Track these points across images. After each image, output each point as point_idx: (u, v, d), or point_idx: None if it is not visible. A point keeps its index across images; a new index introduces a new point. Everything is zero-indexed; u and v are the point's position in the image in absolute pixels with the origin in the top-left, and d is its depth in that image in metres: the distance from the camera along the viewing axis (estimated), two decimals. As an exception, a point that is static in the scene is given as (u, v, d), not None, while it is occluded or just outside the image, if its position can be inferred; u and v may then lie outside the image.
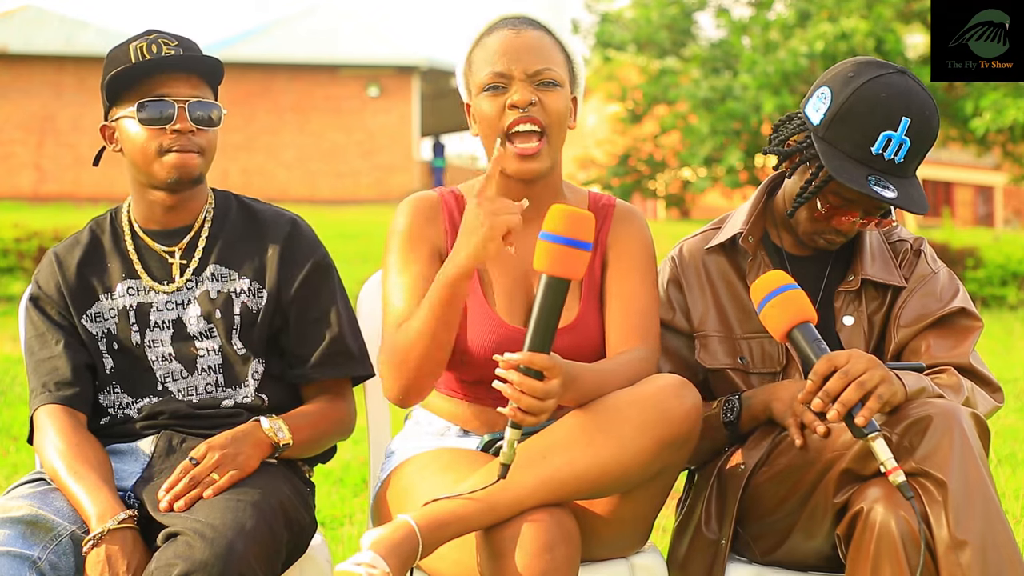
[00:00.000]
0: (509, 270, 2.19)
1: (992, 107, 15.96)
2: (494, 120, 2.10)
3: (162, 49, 2.11)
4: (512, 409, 1.83)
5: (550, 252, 1.81)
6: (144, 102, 2.11)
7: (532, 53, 2.11)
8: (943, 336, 2.24)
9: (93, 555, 1.91)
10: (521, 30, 2.14)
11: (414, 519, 1.87)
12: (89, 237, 2.25)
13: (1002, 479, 4.03)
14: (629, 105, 21.89)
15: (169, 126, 2.11)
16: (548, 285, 1.82)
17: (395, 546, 1.83)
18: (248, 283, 2.20)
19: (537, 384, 1.83)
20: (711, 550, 2.18)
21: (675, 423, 1.93)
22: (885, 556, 1.89)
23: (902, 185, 2.12)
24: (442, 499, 1.90)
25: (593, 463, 1.91)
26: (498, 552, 1.88)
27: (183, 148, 2.12)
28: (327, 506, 4.16)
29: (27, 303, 2.24)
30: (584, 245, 1.81)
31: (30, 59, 22.62)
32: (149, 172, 2.15)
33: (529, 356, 1.83)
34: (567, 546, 1.88)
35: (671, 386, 1.96)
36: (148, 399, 2.18)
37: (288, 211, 2.30)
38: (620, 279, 2.17)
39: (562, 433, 1.93)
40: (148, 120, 2.11)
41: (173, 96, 2.11)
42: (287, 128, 23.53)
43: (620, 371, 2.04)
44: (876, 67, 2.16)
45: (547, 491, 1.90)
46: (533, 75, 2.10)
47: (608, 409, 1.93)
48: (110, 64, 2.13)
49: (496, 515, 1.89)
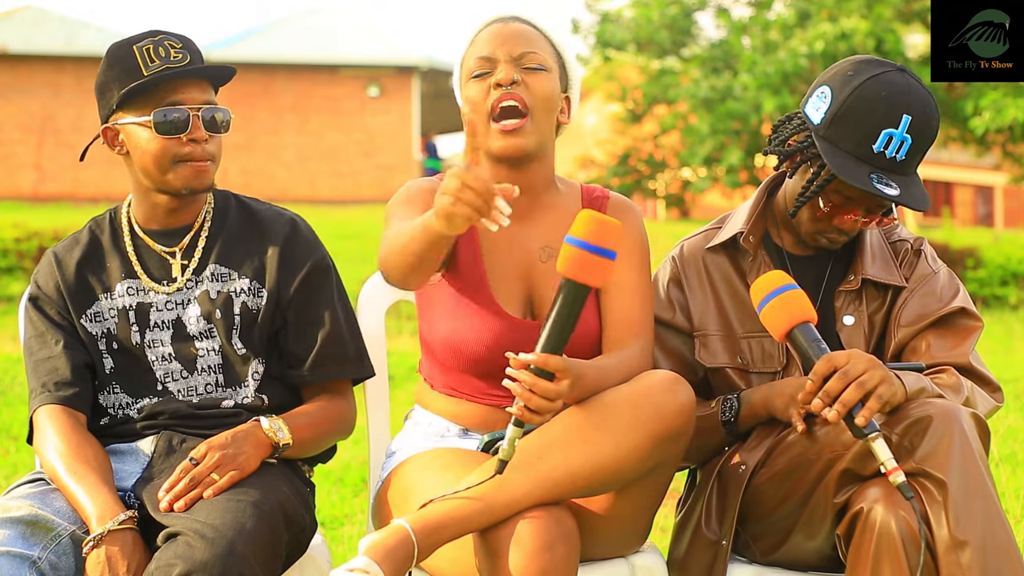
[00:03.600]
0: (512, 261, 2.18)
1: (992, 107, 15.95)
2: (480, 103, 2.11)
3: (169, 53, 2.10)
4: (519, 408, 1.83)
5: (575, 258, 1.80)
6: (161, 111, 2.09)
7: (517, 39, 2.14)
8: (943, 336, 2.24)
9: (93, 556, 1.91)
10: (509, 22, 2.18)
11: (410, 523, 1.87)
12: (88, 237, 2.24)
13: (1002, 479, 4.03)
14: (629, 105, 21.86)
15: (185, 135, 2.10)
16: (569, 290, 1.81)
17: (390, 551, 1.84)
18: (248, 283, 2.19)
19: (549, 385, 1.83)
20: (711, 550, 2.18)
21: (668, 418, 1.93)
22: (885, 556, 1.89)
23: (904, 183, 2.12)
24: (438, 500, 1.90)
25: (588, 461, 1.91)
26: (497, 551, 1.88)
27: (198, 158, 2.11)
28: (327, 506, 4.16)
29: (26, 303, 2.23)
30: (610, 254, 1.80)
31: (30, 59, 22.59)
32: (162, 180, 2.14)
33: (544, 357, 1.83)
34: (566, 545, 1.88)
35: (664, 382, 1.96)
36: (148, 399, 2.17)
37: (288, 211, 2.30)
38: (617, 275, 2.17)
39: (557, 432, 1.93)
40: (165, 129, 2.09)
41: (187, 104, 2.11)
42: (287, 128, 23.51)
43: (619, 368, 2.05)
44: (876, 65, 2.16)
45: (543, 490, 1.90)
46: (518, 58, 2.12)
47: (602, 407, 1.94)
48: (116, 67, 2.11)
49: (493, 516, 1.89)
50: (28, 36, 23.15)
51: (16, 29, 23.41)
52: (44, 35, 23.29)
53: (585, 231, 1.79)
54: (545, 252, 2.19)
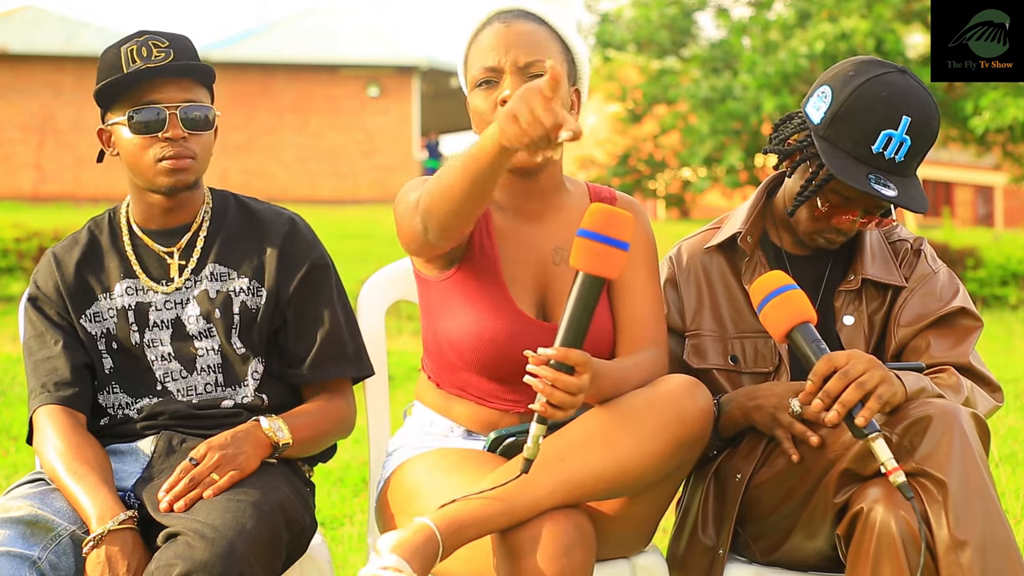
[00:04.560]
0: (526, 263, 2.17)
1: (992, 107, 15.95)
2: (487, 116, 2.09)
3: (152, 52, 2.10)
4: (542, 404, 1.83)
5: (588, 250, 1.80)
6: (135, 110, 2.11)
7: (522, 45, 2.09)
8: (943, 336, 2.24)
9: (93, 556, 1.91)
10: (512, 22, 2.12)
11: (433, 522, 1.86)
12: (87, 237, 2.24)
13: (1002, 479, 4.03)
14: (629, 105, 21.86)
15: (161, 133, 2.11)
16: (584, 283, 1.82)
17: (417, 549, 1.82)
18: (247, 282, 2.19)
19: (571, 379, 1.82)
20: (708, 555, 2.18)
21: (689, 423, 1.94)
22: (885, 556, 1.89)
23: (902, 184, 2.12)
24: (461, 499, 1.89)
25: (612, 463, 1.91)
26: (515, 553, 1.87)
27: (177, 155, 2.12)
28: (327, 506, 4.16)
29: (26, 303, 2.24)
30: (622, 245, 1.80)
31: (30, 59, 22.59)
32: (145, 179, 2.16)
33: (564, 351, 1.82)
34: (584, 548, 1.88)
35: (684, 386, 1.97)
36: (148, 399, 2.17)
37: (287, 210, 2.30)
38: (629, 278, 2.17)
39: (579, 434, 1.93)
40: (139, 128, 2.11)
41: (164, 102, 2.11)
42: (287, 128, 23.51)
43: (636, 370, 2.05)
44: (876, 66, 2.16)
45: (565, 492, 1.90)
46: (524, 67, 2.08)
47: (624, 409, 1.94)
48: (102, 69, 2.13)
49: (514, 517, 1.89)
50: (28, 36, 23.15)
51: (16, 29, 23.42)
52: (44, 35, 23.29)
53: (596, 223, 1.80)
54: (558, 255, 2.18)
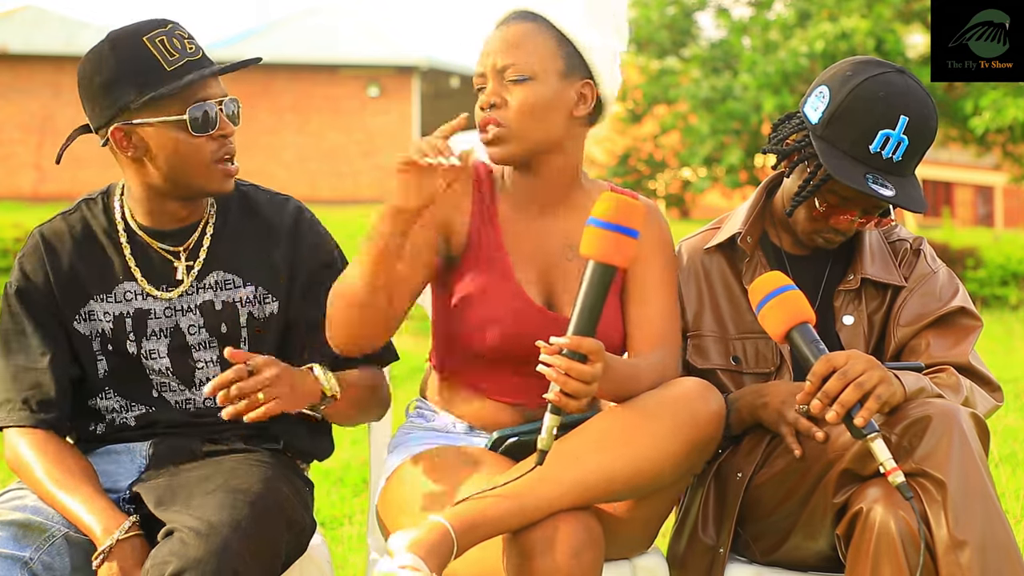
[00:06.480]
0: (535, 257, 2.16)
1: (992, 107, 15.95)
2: None
3: (184, 45, 2.04)
4: (556, 394, 1.82)
5: (598, 238, 1.82)
6: (196, 107, 2.01)
7: (502, 50, 2.09)
8: (943, 335, 2.24)
9: (105, 569, 1.88)
10: (506, 25, 2.12)
11: (448, 520, 1.85)
12: (81, 227, 2.13)
13: (1002, 479, 4.02)
14: (629, 105, 21.84)
15: (215, 131, 2.04)
16: (594, 271, 1.83)
17: (433, 547, 1.82)
18: (253, 290, 2.13)
19: (584, 367, 1.82)
20: (708, 555, 2.18)
21: (702, 425, 1.95)
22: (885, 556, 1.89)
23: (901, 184, 2.12)
24: (474, 496, 1.88)
25: (628, 464, 1.91)
26: (526, 554, 1.87)
27: (229, 156, 2.06)
28: (327, 506, 4.16)
29: (13, 294, 2.09)
30: (632, 232, 1.82)
31: (30, 59, 22.58)
32: (189, 184, 2.05)
33: (577, 339, 1.82)
34: (593, 550, 1.88)
35: (697, 388, 1.98)
36: (144, 408, 2.12)
37: (290, 199, 2.24)
38: (642, 278, 2.16)
39: (594, 435, 1.93)
40: (199, 127, 2.02)
41: (212, 98, 2.05)
42: (287, 128, 23.49)
43: (649, 370, 2.05)
44: (875, 66, 2.16)
45: (578, 493, 1.89)
46: (500, 71, 2.08)
47: (639, 411, 1.94)
48: (130, 65, 2.01)
49: (526, 517, 1.88)
50: (28, 36, 23.14)
51: (16, 29, 23.40)
52: (44, 35, 23.28)
53: (606, 211, 1.82)
54: (570, 251, 2.16)
